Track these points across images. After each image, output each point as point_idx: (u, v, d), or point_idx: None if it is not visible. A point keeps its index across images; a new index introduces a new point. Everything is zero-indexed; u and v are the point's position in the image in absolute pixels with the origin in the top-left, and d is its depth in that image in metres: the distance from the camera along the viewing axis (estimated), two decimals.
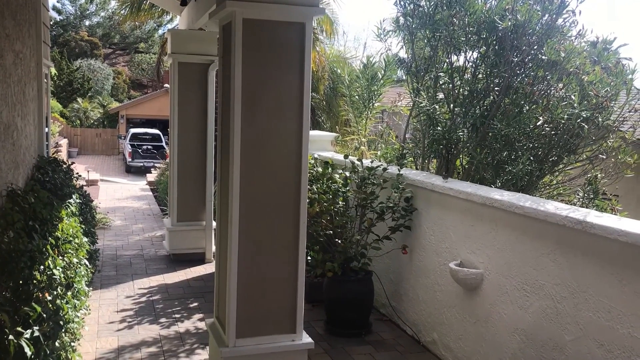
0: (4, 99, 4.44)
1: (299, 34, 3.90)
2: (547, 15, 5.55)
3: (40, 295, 3.26)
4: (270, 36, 3.84)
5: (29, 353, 2.66)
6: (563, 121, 5.36)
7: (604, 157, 5.69)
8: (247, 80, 3.80)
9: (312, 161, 6.42)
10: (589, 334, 3.44)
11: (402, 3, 6.33)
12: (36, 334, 2.84)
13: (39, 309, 2.95)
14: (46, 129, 7.42)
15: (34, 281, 3.26)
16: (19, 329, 2.76)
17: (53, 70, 30.87)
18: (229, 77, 3.86)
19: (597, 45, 5.56)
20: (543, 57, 5.51)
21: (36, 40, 6.31)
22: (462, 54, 6.14)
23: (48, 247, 3.70)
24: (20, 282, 3.16)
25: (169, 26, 23.89)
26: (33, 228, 3.81)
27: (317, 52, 15.04)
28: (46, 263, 3.51)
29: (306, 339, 4.11)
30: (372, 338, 5.36)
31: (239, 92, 3.77)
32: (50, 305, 3.22)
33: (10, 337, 2.65)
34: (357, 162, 5.79)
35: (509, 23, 5.49)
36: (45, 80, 7.15)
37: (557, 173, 6.10)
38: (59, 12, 49.22)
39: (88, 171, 17.22)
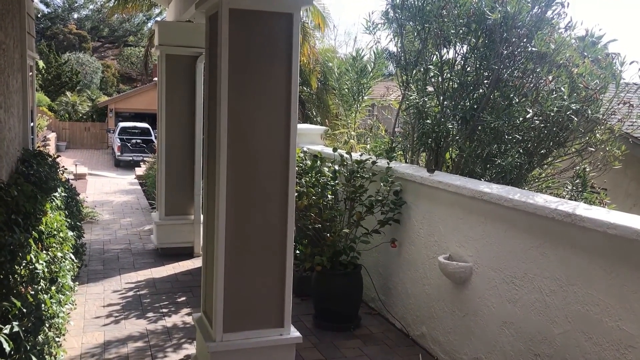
0: None
1: (287, 25, 3.84)
2: (536, 7, 5.52)
3: (23, 290, 3.20)
4: (257, 27, 3.78)
5: (7, 349, 2.60)
6: (552, 114, 5.35)
7: (593, 149, 5.69)
8: (234, 72, 3.74)
9: (301, 154, 6.38)
10: (578, 327, 3.43)
11: None
12: (16, 329, 2.77)
13: (18, 303, 2.88)
14: (31, 123, 7.31)
15: (15, 275, 3.20)
16: None
17: (41, 64, 30.51)
18: (216, 69, 3.80)
19: (585, 39, 5.53)
20: (533, 50, 5.48)
21: (20, 31, 6.20)
22: (452, 46, 6.10)
23: (31, 240, 3.63)
24: (1, 276, 3.09)
25: (159, 19, 23.72)
26: (15, 222, 3.73)
27: (309, 45, 14.98)
28: (28, 257, 3.44)
29: (294, 333, 4.07)
30: (360, 332, 5.33)
31: (225, 83, 3.71)
32: (32, 300, 3.16)
33: None
34: (346, 155, 5.75)
35: (499, 15, 5.45)
36: (30, 72, 7.04)
37: (546, 166, 6.09)
38: (46, 4, 48.64)
39: (76, 165, 17.08)
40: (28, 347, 2.94)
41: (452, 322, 4.62)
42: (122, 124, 27.86)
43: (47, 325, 3.70)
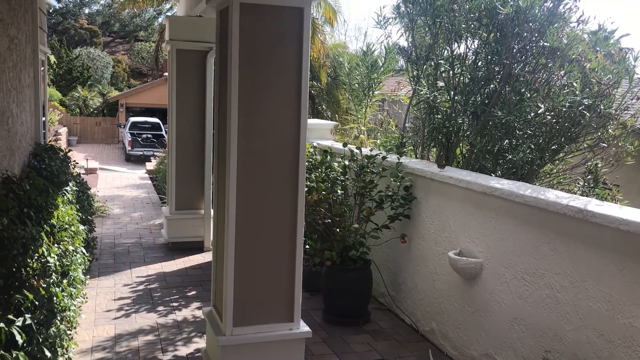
0: None
1: (298, 19, 3.83)
2: (549, 2, 5.47)
3: (35, 283, 3.23)
4: (268, 21, 3.78)
5: (20, 341, 2.63)
6: (564, 109, 5.30)
7: (605, 145, 5.64)
8: (244, 67, 3.73)
9: (311, 149, 6.38)
10: (589, 323, 3.41)
11: None
12: (28, 321, 2.80)
13: (31, 296, 2.91)
14: (43, 117, 7.36)
15: (27, 268, 3.23)
16: (11, 316, 2.73)
17: (52, 59, 30.72)
18: (226, 64, 3.80)
19: (598, 33, 5.48)
20: (545, 44, 5.44)
21: (32, 26, 6.24)
22: (463, 41, 6.07)
23: (43, 234, 3.66)
24: (14, 269, 3.12)
25: (169, 14, 23.77)
26: (28, 215, 3.77)
27: (319, 40, 14.95)
28: (40, 250, 3.47)
29: (304, 327, 4.08)
30: (370, 327, 5.34)
31: (235, 78, 3.71)
32: (44, 293, 3.18)
33: (1, 324, 2.61)
34: (356, 150, 5.74)
35: (510, 9, 5.41)
36: (42, 67, 7.08)
37: (557, 162, 6.04)
38: None
39: (87, 159, 17.18)
40: (40, 340, 2.98)
41: (462, 317, 4.60)
42: (132, 119, 28.03)
43: (59, 318, 3.73)
